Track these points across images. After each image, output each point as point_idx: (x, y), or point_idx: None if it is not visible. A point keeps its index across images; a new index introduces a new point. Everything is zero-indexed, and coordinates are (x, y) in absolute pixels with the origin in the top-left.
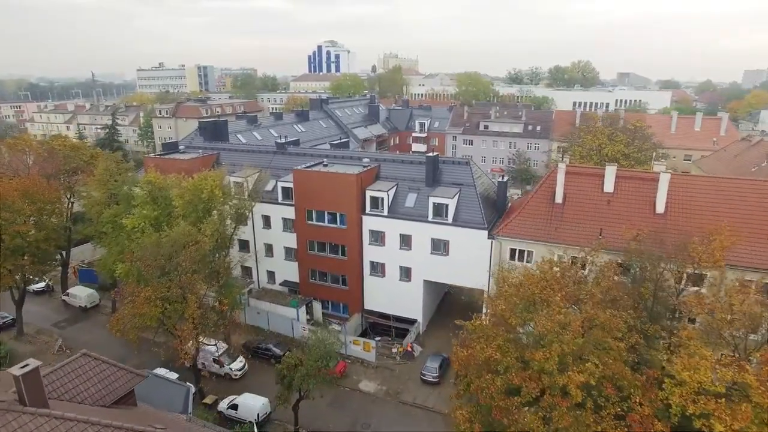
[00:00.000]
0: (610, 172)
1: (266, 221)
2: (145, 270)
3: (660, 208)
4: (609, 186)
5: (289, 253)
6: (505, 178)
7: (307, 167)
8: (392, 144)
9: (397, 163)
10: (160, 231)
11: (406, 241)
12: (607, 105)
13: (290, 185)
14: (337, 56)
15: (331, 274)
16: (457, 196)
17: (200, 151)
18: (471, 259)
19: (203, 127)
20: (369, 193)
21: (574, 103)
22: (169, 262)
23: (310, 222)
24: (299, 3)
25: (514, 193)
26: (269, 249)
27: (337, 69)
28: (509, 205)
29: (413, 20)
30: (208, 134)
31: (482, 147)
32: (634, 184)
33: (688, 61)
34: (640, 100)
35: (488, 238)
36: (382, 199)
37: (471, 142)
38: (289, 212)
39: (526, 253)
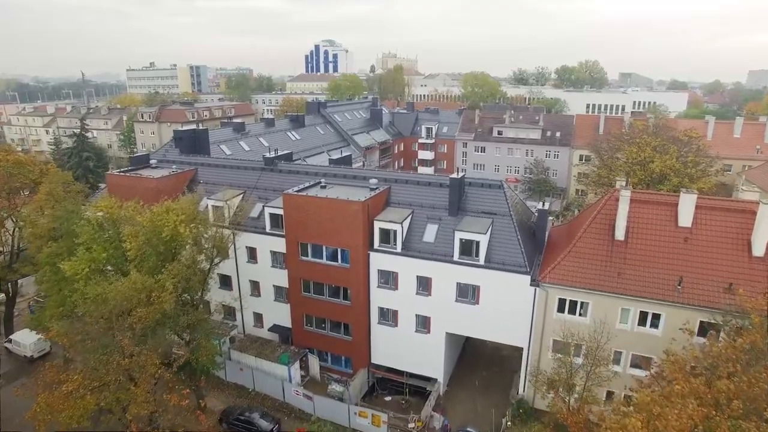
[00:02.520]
0: (688, 200)
1: (251, 254)
2: (73, 347)
3: (759, 249)
4: (685, 219)
5: (280, 293)
6: (545, 205)
7: (300, 190)
8: (396, 151)
9: (411, 184)
10: (111, 278)
11: (424, 284)
12: (623, 108)
13: (280, 212)
14: (335, 56)
15: (330, 321)
16: (489, 229)
17: (174, 166)
18: (507, 310)
19: (179, 137)
20: (378, 225)
21: (588, 106)
22: (109, 334)
23: (304, 258)
24: (298, 3)
25: (531, 205)
26: (255, 287)
27: (335, 69)
28: (547, 233)
29: (411, 19)
30: (185, 145)
31: (496, 155)
32: (719, 216)
33: (687, 61)
34: (654, 102)
35: (531, 285)
36: (395, 232)
37: (483, 149)
38: (279, 244)
39: (579, 304)
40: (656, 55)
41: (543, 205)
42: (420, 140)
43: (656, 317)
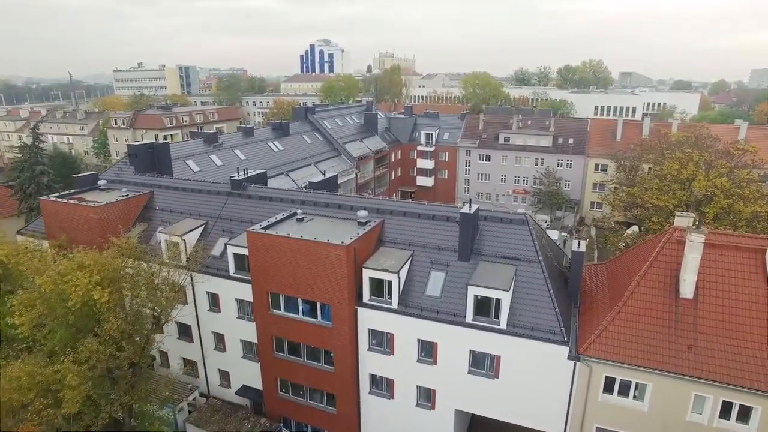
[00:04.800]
0: None
1: (213, 301)
2: None
3: None
4: None
5: (249, 349)
6: (581, 246)
7: (269, 226)
8: (393, 160)
9: (411, 217)
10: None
11: (427, 350)
12: (633, 110)
13: (246, 251)
14: (331, 56)
15: (310, 390)
16: (512, 283)
17: (124, 189)
18: (537, 388)
19: (134, 153)
20: (368, 274)
21: (596, 108)
22: None
23: (275, 311)
24: (296, 3)
25: (542, 219)
26: (219, 340)
27: (331, 69)
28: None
29: (409, 19)
30: (142, 163)
31: (502, 164)
32: None
33: (686, 60)
34: (665, 104)
35: (569, 358)
36: (390, 283)
37: (488, 158)
38: (246, 292)
39: (634, 385)
40: (655, 55)
41: (579, 246)
42: (419, 147)
43: (746, 409)
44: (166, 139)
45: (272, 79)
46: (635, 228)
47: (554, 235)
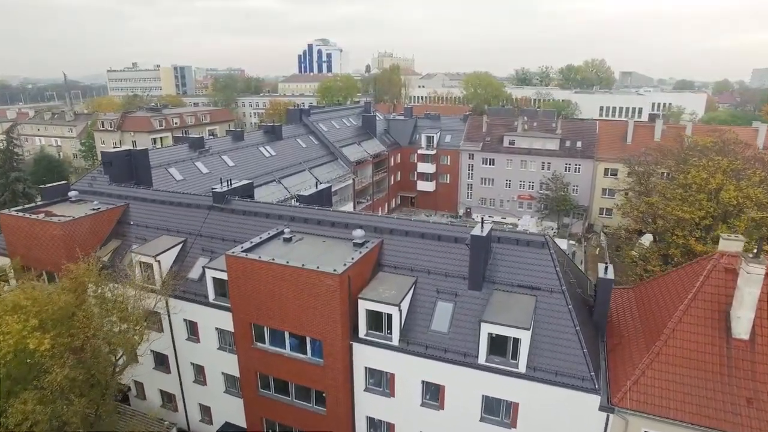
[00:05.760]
0: None
1: (192, 329)
2: None
3: None
4: None
5: (232, 384)
6: (609, 272)
7: (251, 249)
8: (392, 164)
9: (414, 237)
10: None
11: (433, 393)
12: (640, 110)
13: (226, 276)
14: (329, 55)
15: None
16: (532, 319)
17: (96, 201)
18: None
19: (109, 161)
20: (365, 305)
21: (601, 108)
22: None
23: (260, 345)
24: (296, 3)
25: (548, 226)
26: (199, 372)
27: (329, 69)
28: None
29: (409, 19)
30: (117, 171)
31: (507, 168)
32: None
33: (686, 59)
34: (669, 104)
35: (602, 409)
36: (390, 316)
37: (492, 162)
38: (228, 320)
39: None
40: (655, 55)
41: (606, 272)
42: (419, 151)
43: None
44: (155, 143)
45: (270, 79)
46: (649, 236)
47: (562, 243)
